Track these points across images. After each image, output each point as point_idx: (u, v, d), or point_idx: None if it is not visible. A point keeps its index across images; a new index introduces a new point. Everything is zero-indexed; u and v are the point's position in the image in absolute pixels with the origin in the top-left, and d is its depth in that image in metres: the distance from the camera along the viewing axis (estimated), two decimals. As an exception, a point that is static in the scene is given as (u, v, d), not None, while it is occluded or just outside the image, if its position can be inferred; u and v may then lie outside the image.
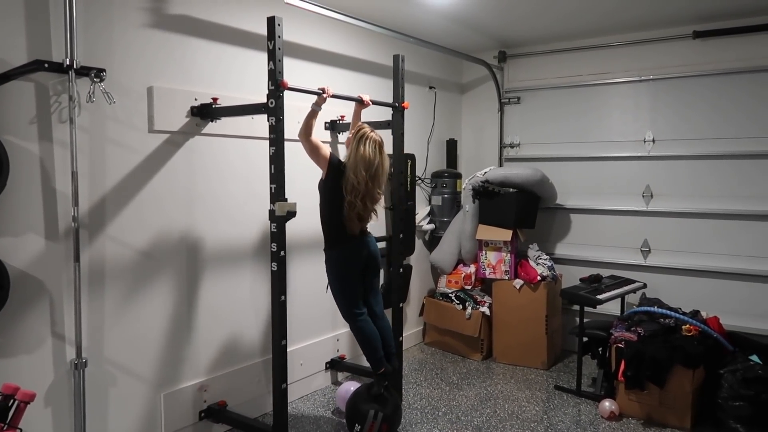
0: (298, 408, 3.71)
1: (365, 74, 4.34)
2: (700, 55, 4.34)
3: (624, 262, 4.69)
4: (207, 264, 3.25)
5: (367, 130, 3.15)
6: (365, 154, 3.07)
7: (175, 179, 3.07)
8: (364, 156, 3.07)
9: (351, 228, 3.16)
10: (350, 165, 3.08)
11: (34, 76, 2.46)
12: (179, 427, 3.13)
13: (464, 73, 5.56)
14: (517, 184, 4.56)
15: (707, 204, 4.35)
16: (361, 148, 3.08)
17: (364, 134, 3.12)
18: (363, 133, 3.13)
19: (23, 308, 2.48)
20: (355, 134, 3.15)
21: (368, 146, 3.09)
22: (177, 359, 3.13)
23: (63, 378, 2.62)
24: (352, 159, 3.09)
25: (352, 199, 3.08)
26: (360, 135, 3.12)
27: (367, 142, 3.09)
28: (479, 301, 4.73)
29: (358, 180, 3.05)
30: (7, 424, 1.99)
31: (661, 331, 3.62)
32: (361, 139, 3.10)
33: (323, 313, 4.06)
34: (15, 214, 2.44)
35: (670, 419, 3.49)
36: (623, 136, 4.71)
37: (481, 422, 3.55)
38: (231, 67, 3.32)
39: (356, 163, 3.07)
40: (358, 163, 3.06)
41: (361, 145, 3.09)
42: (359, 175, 3.05)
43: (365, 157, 3.07)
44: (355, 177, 3.05)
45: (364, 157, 3.07)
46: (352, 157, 3.09)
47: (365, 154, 3.07)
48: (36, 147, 2.49)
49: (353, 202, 3.08)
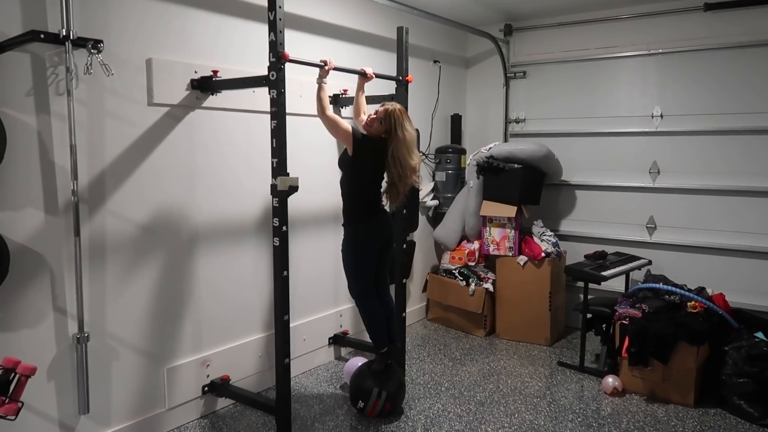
0: (301, 383, 3.73)
1: (368, 47, 4.26)
2: (711, 28, 4.24)
3: (629, 239, 4.66)
4: (209, 239, 3.23)
5: (393, 108, 3.07)
6: (411, 136, 3.07)
7: (176, 153, 3.03)
8: (410, 139, 3.06)
9: (394, 201, 3.18)
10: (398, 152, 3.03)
11: (30, 47, 2.41)
12: (183, 401, 3.14)
13: (469, 46, 5.47)
14: (522, 160, 4.51)
15: (714, 180, 4.30)
16: (401, 133, 3.03)
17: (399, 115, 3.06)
18: (397, 114, 3.05)
19: (24, 283, 2.47)
20: (389, 117, 3.05)
21: (407, 126, 3.06)
22: (179, 334, 3.13)
23: (65, 352, 2.62)
24: (399, 145, 3.03)
25: (398, 176, 3.07)
26: (396, 116, 3.04)
27: (406, 123, 3.06)
28: (483, 278, 4.71)
29: (403, 163, 3.04)
30: (9, 397, 1.98)
31: (666, 308, 3.60)
32: (398, 120, 3.04)
33: (326, 288, 4.06)
34: (14, 188, 2.41)
35: (673, 396, 3.49)
36: (630, 111, 4.64)
37: (484, 397, 3.55)
38: (231, 39, 3.26)
39: (407, 144, 3.04)
40: (401, 146, 3.03)
41: (401, 130, 3.03)
42: (403, 158, 3.04)
43: (411, 139, 3.07)
44: (400, 159, 3.03)
45: (409, 139, 3.06)
46: (394, 142, 3.04)
47: (411, 137, 3.07)
48: (33, 120, 2.46)
49: (400, 178, 3.08)
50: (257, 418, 3.24)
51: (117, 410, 2.86)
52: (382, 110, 3.09)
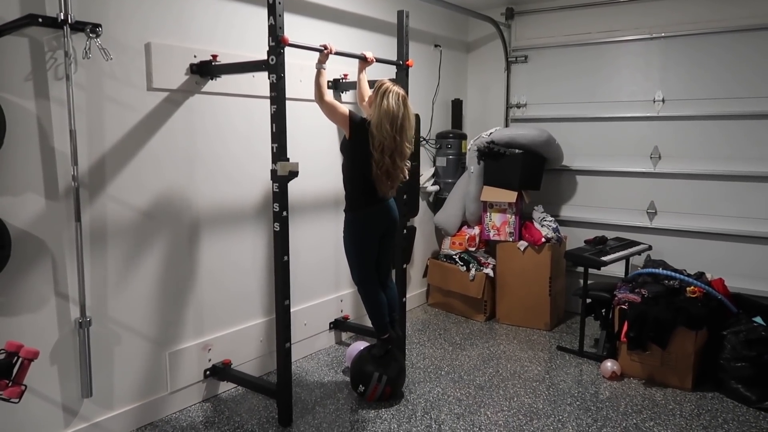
0: (302, 367, 3.76)
1: (368, 31, 4.23)
2: (715, 11, 4.20)
3: (630, 224, 4.66)
4: (209, 224, 3.24)
5: (388, 84, 3.05)
6: (389, 107, 2.97)
7: (175, 138, 3.02)
8: (387, 110, 2.97)
9: (381, 189, 3.08)
10: (375, 121, 2.99)
11: (28, 31, 2.39)
12: (185, 384, 3.17)
13: (470, 31, 5.43)
14: (523, 145, 4.50)
15: (716, 165, 4.29)
16: (384, 102, 2.98)
17: (386, 88, 3.02)
18: (385, 87, 3.03)
19: (25, 267, 2.48)
20: (377, 90, 3.05)
21: (391, 99, 2.99)
22: (181, 318, 3.15)
23: (68, 336, 2.64)
24: (376, 115, 2.99)
25: (379, 156, 2.99)
26: (383, 90, 3.02)
27: (389, 95, 2.99)
28: (483, 263, 4.72)
29: (384, 135, 2.96)
30: (12, 381, 2.00)
31: (665, 293, 3.61)
32: (384, 94, 3.00)
33: (327, 273, 4.07)
34: (14, 173, 2.41)
35: (671, 380, 3.52)
36: (632, 95, 4.62)
37: (483, 381, 3.58)
38: (231, 24, 3.24)
39: (380, 118, 2.97)
40: (382, 118, 2.97)
41: (384, 99, 2.98)
42: (384, 131, 2.96)
43: (389, 110, 2.97)
44: (380, 133, 2.96)
45: (387, 111, 2.97)
46: (375, 113, 2.99)
47: (389, 108, 2.97)
48: (32, 104, 2.45)
49: (381, 159, 3.00)
50: (258, 401, 3.27)
51: (120, 394, 2.88)
52: (377, 85, 3.08)
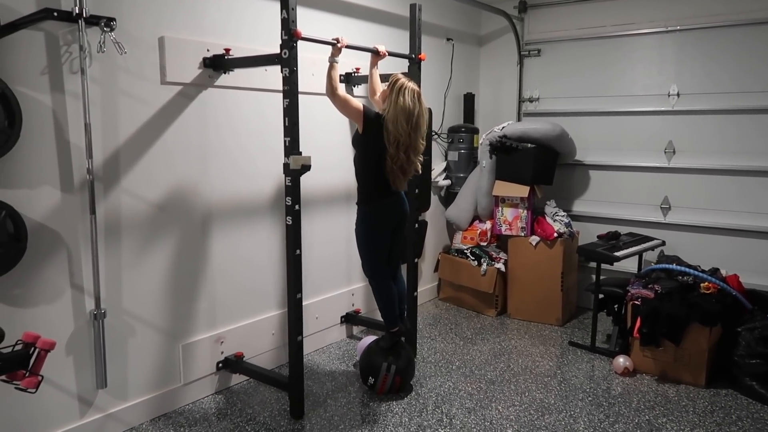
0: (313, 360, 3.77)
1: (381, 25, 4.22)
2: (730, 4, 4.14)
3: (643, 220, 4.62)
4: (222, 218, 3.25)
5: (404, 80, 3.05)
6: (405, 104, 2.98)
7: (189, 132, 3.04)
8: (404, 107, 2.98)
9: (395, 183, 3.10)
10: (390, 117, 2.99)
11: (44, 25, 2.41)
12: (198, 376, 3.20)
13: (483, 24, 5.39)
14: (536, 140, 4.47)
15: (731, 160, 4.24)
16: (400, 99, 2.99)
17: (402, 84, 3.02)
18: (401, 83, 3.03)
19: (41, 260, 2.50)
20: (392, 85, 3.05)
21: (407, 96, 3.00)
22: (194, 311, 3.17)
23: (83, 328, 2.67)
24: (391, 111, 3.00)
25: (394, 151, 3.01)
26: (398, 86, 3.02)
27: (405, 92, 3.00)
28: (495, 258, 4.71)
29: (399, 131, 2.98)
30: (29, 371, 2.03)
31: (679, 289, 3.58)
32: (400, 90, 3.01)
33: (338, 267, 4.08)
34: (30, 167, 2.44)
35: (685, 376, 3.49)
36: (647, 89, 4.57)
37: (495, 376, 3.58)
38: (244, 17, 3.24)
39: (396, 114, 2.98)
40: (399, 115, 2.98)
41: (400, 96, 2.99)
42: (401, 127, 2.97)
43: (405, 108, 2.98)
44: (396, 129, 2.98)
45: (404, 108, 2.98)
46: (391, 109, 3.00)
47: (405, 105, 2.98)
48: (48, 98, 2.47)
49: (396, 155, 3.01)
50: (270, 394, 3.29)
51: (134, 385, 2.91)
52: (391, 80, 3.08)
